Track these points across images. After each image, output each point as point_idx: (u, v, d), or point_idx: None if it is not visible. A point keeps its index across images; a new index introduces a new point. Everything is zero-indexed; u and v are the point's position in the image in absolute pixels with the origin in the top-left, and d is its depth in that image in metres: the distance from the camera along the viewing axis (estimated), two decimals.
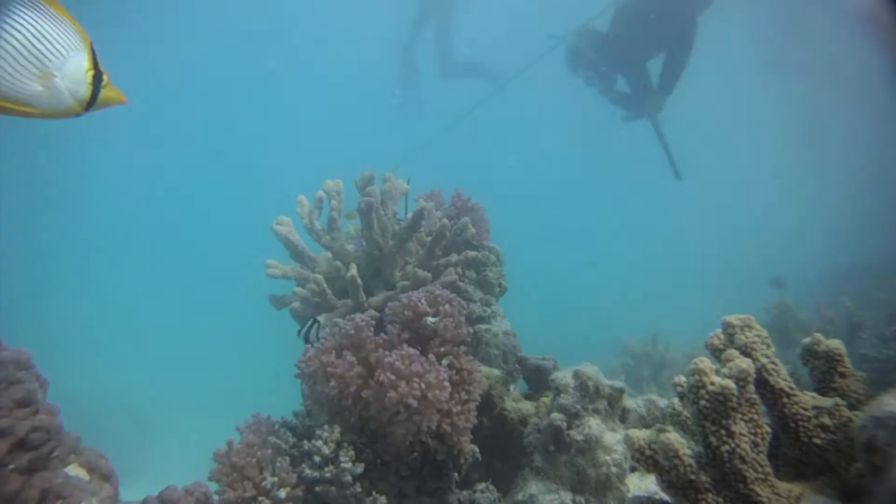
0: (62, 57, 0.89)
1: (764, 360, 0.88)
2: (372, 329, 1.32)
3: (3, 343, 1.09)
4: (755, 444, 0.80)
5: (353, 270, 1.72)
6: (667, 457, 0.82)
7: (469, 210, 2.06)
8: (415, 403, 1.20)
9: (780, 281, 4.11)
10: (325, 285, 1.76)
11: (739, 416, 0.80)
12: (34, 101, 0.89)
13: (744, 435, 0.80)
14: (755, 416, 0.82)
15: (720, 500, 0.80)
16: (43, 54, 0.87)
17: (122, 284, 11.03)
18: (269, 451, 1.27)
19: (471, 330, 1.42)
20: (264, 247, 2.06)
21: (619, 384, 1.38)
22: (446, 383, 1.24)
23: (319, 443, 1.24)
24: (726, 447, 0.79)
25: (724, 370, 0.82)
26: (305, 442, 1.28)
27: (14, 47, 0.86)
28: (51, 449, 1.01)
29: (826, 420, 0.85)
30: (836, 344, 0.91)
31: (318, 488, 1.22)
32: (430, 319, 1.34)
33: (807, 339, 0.95)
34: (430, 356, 1.27)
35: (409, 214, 1.81)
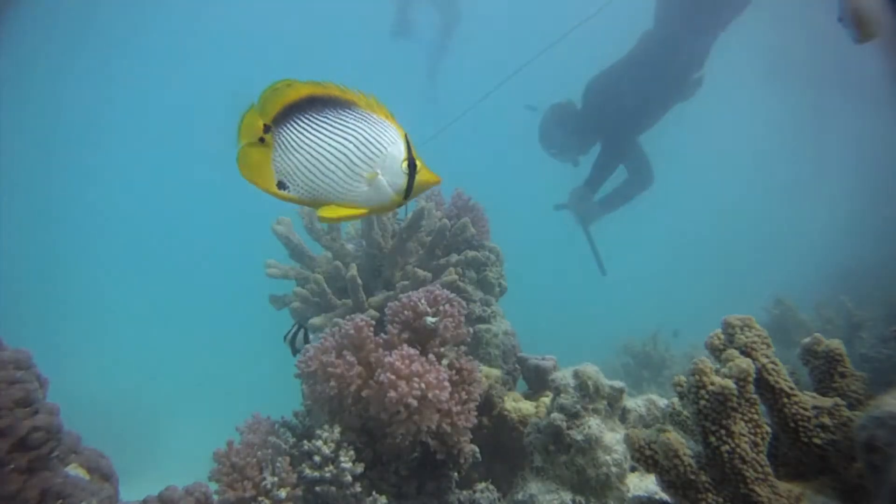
0: (383, 155, 0.92)
1: (764, 360, 0.88)
2: (372, 329, 1.32)
3: (3, 343, 1.09)
4: (755, 444, 0.80)
5: (353, 270, 1.72)
6: (667, 457, 0.82)
7: (469, 210, 2.06)
8: (415, 403, 1.20)
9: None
10: (325, 285, 1.76)
11: (739, 416, 0.80)
12: (361, 201, 0.93)
13: (744, 435, 0.80)
14: (755, 416, 0.82)
15: (720, 500, 0.80)
16: (370, 157, 0.91)
17: (122, 284, 11.04)
18: (269, 451, 1.27)
19: (471, 330, 1.42)
20: (264, 247, 2.07)
21: (619, 384, 1.37)
22: (446, 383, 1.24)
23: (319, 443, 1.24)
24: (726, 447, 0.79)
25: (724, 370, 0.82)
26: (305, 442, 1.28)
27: (348, 157, 0.91)
28: (51, 449, 1.01)
29: (826, 420, 0.85)
30: (836, 344, 0.91)
31: (318, 488, 1.22)
32: (430, 319, 1.34)
33: (807, 339, 0.95)
34: (430, 356, 1.27)
35: (409, 214, 1.81)
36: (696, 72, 3.46)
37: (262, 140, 0.92)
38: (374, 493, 1.26)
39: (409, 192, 0.95)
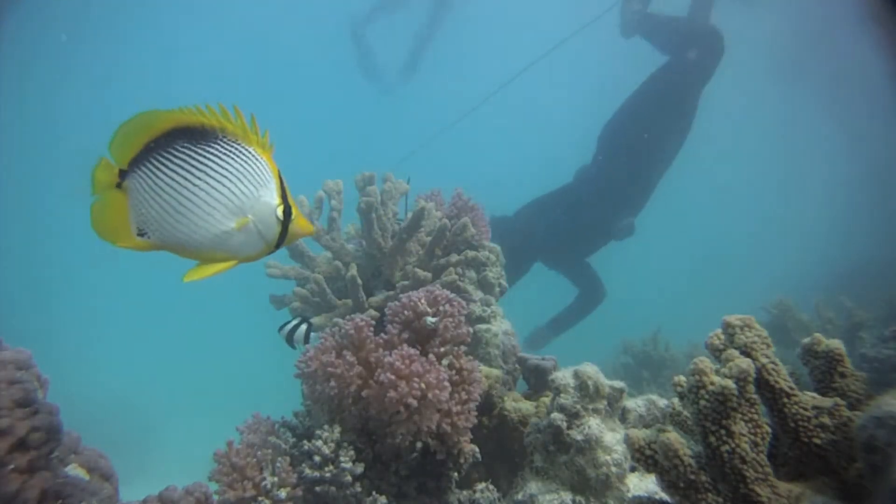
0: (253, 198, 0.82)
1: (764, 360, 0.88)
2: (372, 329, 1.32)
3: (3, 343, 1.09)
4: (755, 444, 0.80)
5: (353, 270, 1.72)
6: (667, 457, 0.82)
7: (469, 210, 2.06)
8: (415, 403, 1.20)
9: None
10: (325, 285, 1.76)
11: (739, 416, 0.80)
12: (232, 249, 0.83)
13: (744, 435, 0.80)
14: (755, 416, 0.82)
15: (720, 500, 0.80)
16: (237, 198, 0.81)
17: (122, 284, 11.04)
18: (269, 451, 1.27)
19: (471, 330, 1.42)
20: None
21: (619, 384, 1.37)
22: (446, 383, 1.24)
23: (319, 443, 1.24)
24: (726, 447, 0.79)
25: (724, 370, 0.82)
26: (305, 442, 1.28)
27: (211, 199, 0.80)
28: (50, 449, 1.01)
29: (826, 420, 0.85)
30: (836, 344, 0.91)
31: (318, 488, 1.22)
32: (430, 319, 1.34)
33: (807, 339, 0.94)
34: (430, 356, 1.27)
35: (409, 214, 1.81)
36: (627, 217, 3.49)
37: (119, 186, 0.83)
38: (374, 493, 1.26)
39: (280, 242, 0.85)
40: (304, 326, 1.65)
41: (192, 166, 0.80)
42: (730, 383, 0.79)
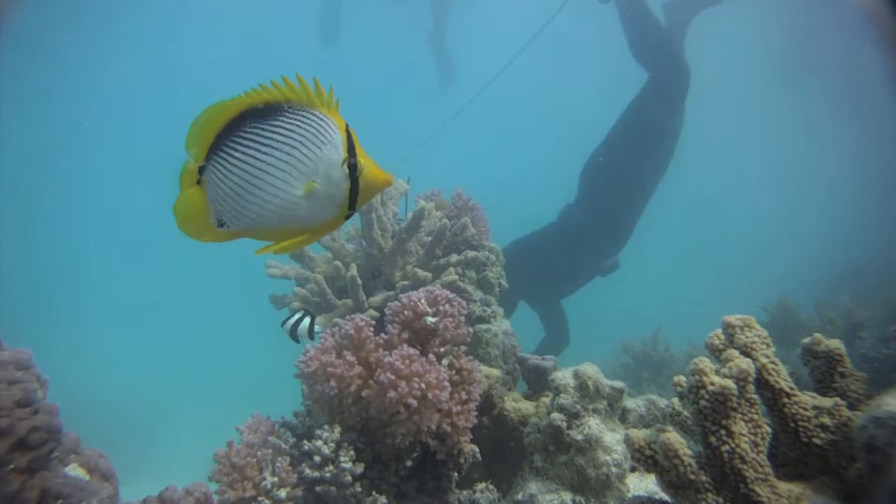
0: (317, 158, 0.78)
1: (764, 360, 0.88)
2: (372, 329, 1.32)
3: (3, 343, 1.09)
4: (755, 444, 0.80)
5: (353, 270, 1.72)
6: (667, 457, 0.82)
7: (469, 210, 2.06)
8: (415, 403, 1.20)
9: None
10: (325, 285, 1.76)
11: (739, 416, 0.80)
12: (305, 219, 0.80)
13: (744, 435, 0.80)
14: (755, 416, 0.82)
15: (720, 500, 0.80)
16: (300, 161, 0.77)
17: (122, 284, 11.04)
18: (269, 451, 1.27)
19: (471, 330, 1.42)
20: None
21: (619, 384, 1.37)
22: (446, 383, 1.24)
23: (319, 443, 1.24)
24: (726, 447, 0.79)
25: (724, 370, 0.82)
26: (305, 442, 1.28)
27: (274, 167, 0.77)
28: (50, 449, 1.01)
29: (826, 420, 0.85)
30: (836, 344, 0.91)
31: (318, 488, 1.22)
32: (430, 319, 1.34)
33: (807, 339, 0.94)
34: (430, 356, 1.27)
35: (409, 214, 1.81)
36: (612, 255, 3.51)
37: (199, 183, 0.81)
38: (374, 493, 1.26)
39: (353, 202, 0.80)
40: (307, 320, 1.65)
41: (259, 143, 0.78)
42: (730, 383, 0.79)
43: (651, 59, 3.41)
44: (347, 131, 0.79)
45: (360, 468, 1.24)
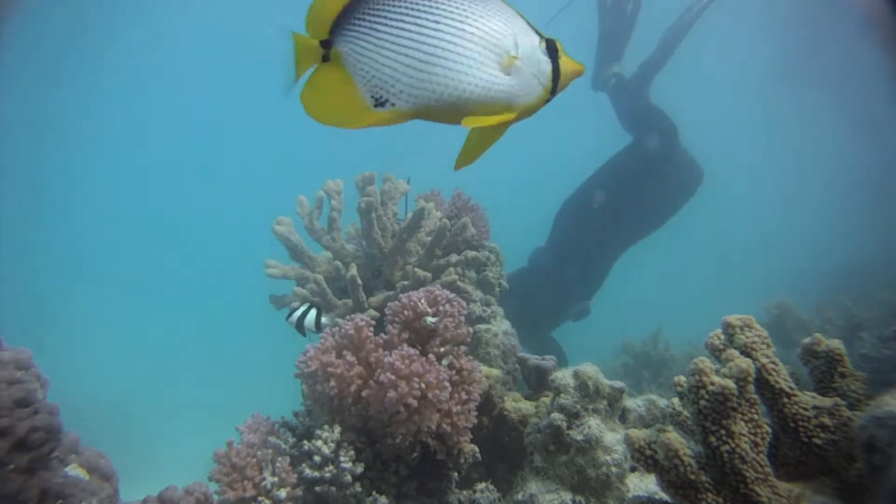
0: (511, 32, 0.68)
1: (764, 360, 0.88)
2: (372, 329, 1.32)
3: (4, 343, 1.09)
4: (755, 445, 0.81)
5: (353, 270, 1.72)
6: (667, 457, 0.82)
7: (469, 210, 2.06)
8: (415, 403, 1.20)
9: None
10: (325, 285, 1.76)
11: (739, 416, 0.80)
12: (500, 97, 0.69)
13: (744, 435, 0.80)
14: (755, 416, 0.82)
15: (720, 500, 0.80)
16: (495, 32, 0.67)
17: (122, 284, 11.03)
18: (269, 451, 1.27)
19: (471, 330, 1.42)
20: (264, 247, 2.07)
21: (619, 384, 1.37)
22: (446, 383, 1.24)
23: (319, 443, 1.24)
24: (726, 447, 0.79)
25: (724, 370, 0.82)
26: (305, 442, 1.28)
27: (464, 30, 0.66)
28: (50, 449, 1.01)
29: (826, 420, 0.85)
30: (836, 344, 0.91)
31: (317, 488, 1.22)
32: (430, 319, 1.34)
33: (807, 339, 0.94)
34: (430, 356, 1.27)
35: (409, 214, 1.81)
36: (583, 301, 3.49)
37: (325, 60, 0.69)
38: (374, 493, 1.26)
39: (555, 84, 0.71)
40: (313, 312, 1.65)
41: (424, 4, 0.67)
42: (730, 383, 0.79)
43: (640, 128, 3.43)
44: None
45: (360, 468, 1.24)
